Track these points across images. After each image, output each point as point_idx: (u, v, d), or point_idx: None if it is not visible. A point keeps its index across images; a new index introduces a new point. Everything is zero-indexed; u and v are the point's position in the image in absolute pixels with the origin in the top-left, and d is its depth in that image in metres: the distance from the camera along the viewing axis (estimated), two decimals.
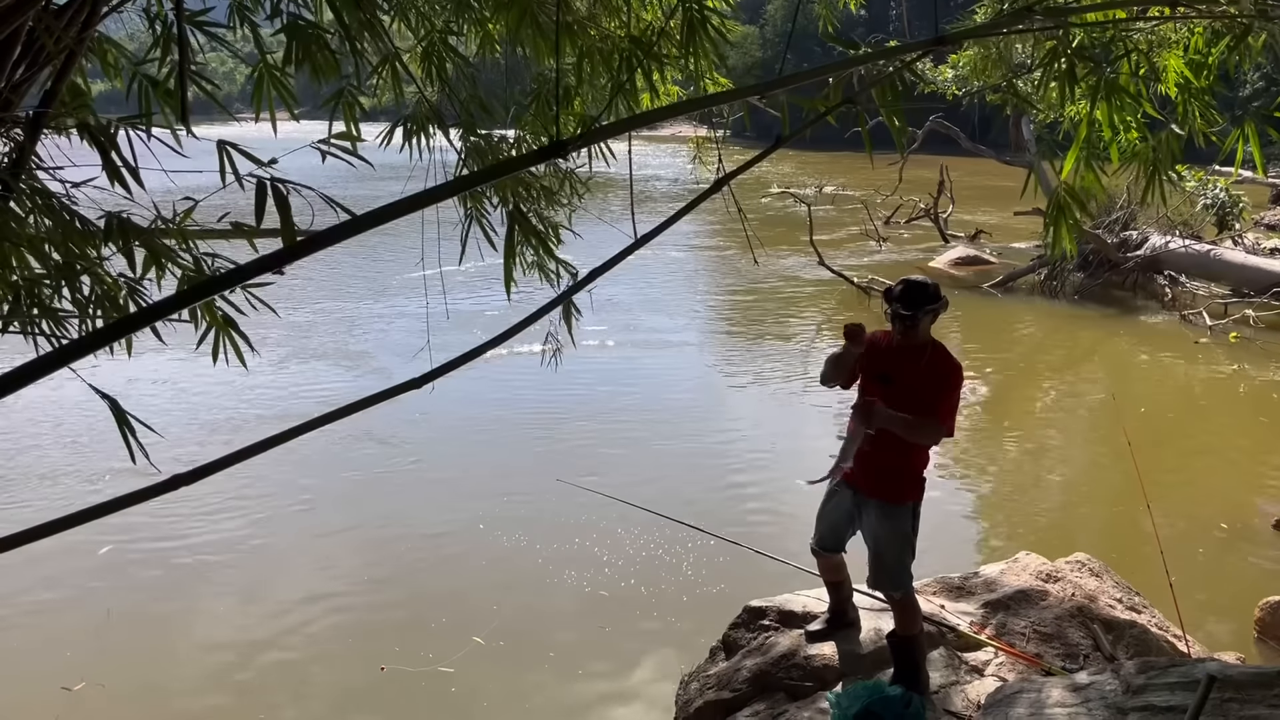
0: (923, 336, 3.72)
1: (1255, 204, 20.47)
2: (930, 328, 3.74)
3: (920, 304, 3.65)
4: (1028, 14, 2.13)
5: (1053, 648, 4.24)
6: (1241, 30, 2.65)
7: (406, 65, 3.38)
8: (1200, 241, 15.14)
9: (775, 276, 16.70)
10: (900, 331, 3.71)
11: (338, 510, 7.39)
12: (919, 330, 3.68)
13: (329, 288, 15.12)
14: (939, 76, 14.52)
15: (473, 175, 2.95)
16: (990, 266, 17.40)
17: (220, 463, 1.70)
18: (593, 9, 3.59)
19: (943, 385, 3.68)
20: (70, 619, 5.88)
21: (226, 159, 2.08)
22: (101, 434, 8.34)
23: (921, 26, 40.66)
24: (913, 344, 3.72)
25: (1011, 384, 11.48)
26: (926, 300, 3.65)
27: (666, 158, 36.88)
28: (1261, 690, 3.15)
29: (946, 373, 3.70)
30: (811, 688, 4.05)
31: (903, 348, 3.74)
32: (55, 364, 1.68)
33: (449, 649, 5.46)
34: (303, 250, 1.62)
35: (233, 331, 2.88)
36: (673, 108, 2.36)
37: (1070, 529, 7.31)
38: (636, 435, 9.04)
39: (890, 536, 3.80)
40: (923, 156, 20.08)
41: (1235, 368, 11.54)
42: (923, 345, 3.72)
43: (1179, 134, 2.82)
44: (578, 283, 2.12)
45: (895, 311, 3.68)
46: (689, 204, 2.12)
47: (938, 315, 3.73)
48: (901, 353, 3.75)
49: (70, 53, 2.47)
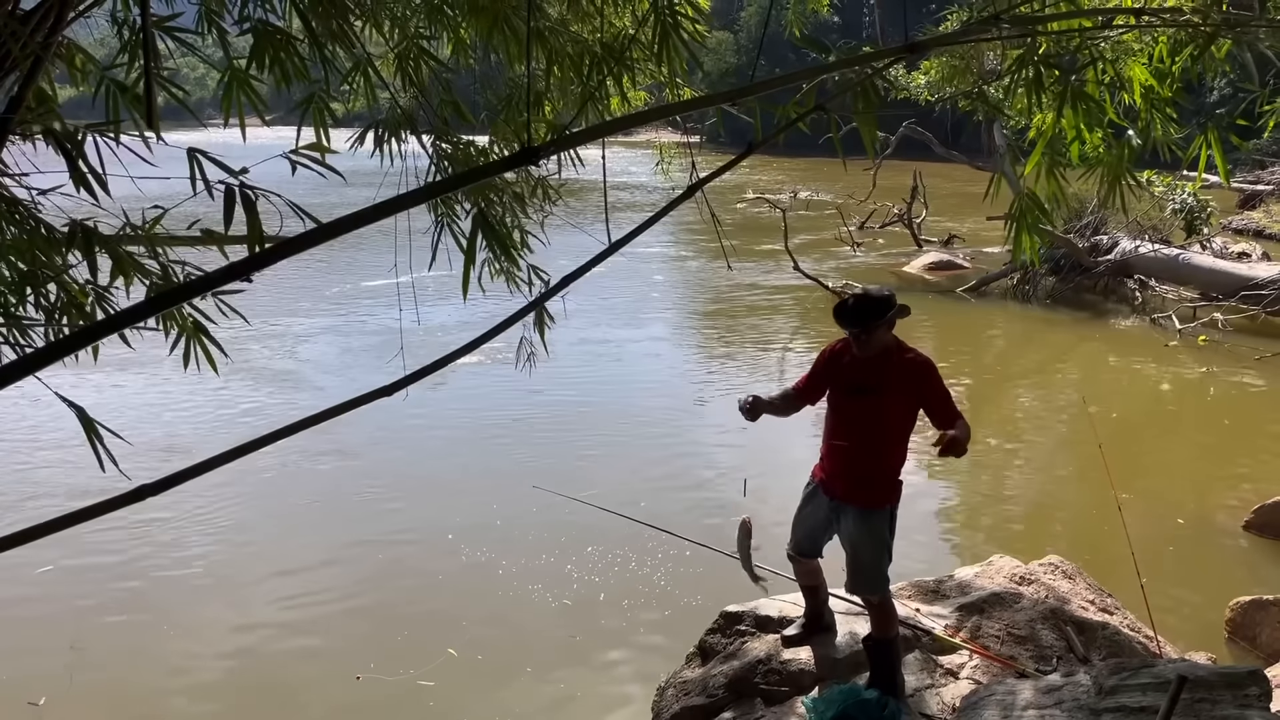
0: (884, 344, 3.75)
1: (1223, 208, 20.75)
2: (887, 332, 3.75)
3: (870, 319, 3.67)
4: (995, 22, 2.15)
5: (1026, 650, 4.27)
6: (1205, 39, 2.69)
7: (379, 71, 3.37)
8: (1169, 246, 15.34)
9: (750, 282, 16.76)
10: (858, 348, 3.75)
11: (306, 524, 7.29)
12: (874, 342, 3.72)
13: (278, 300, 14.53)
14: (912, 83, 14.65)
15: (443, 181, 2.94)
16: (963, 271, 17.54)
17: (187, 473, 1.68)
18: (565, 14, 3.59)
19: (930, 385, 3.73)
20: (34, 633, 5.79)
21: (196, 166, 2.06)
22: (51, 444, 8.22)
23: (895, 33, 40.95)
24: (875, 353, 3.75)
25: (984, 388, 11.57)
26: (877, 314, 3.67)
27: (642, 164, 36.89)
28: (1232, 690, 3.19)
29: (925, 371, 3.75)
30: (788, 692, 4.06)
31: (867, 357, 3.77)
32: (20, 372, 1.65)
33: (423, 661, 5.41)
34: (270, 257, 1.60)
35: (203, 337, 2.86)
36: (645, 114, 2.37)
37: (1043, 531, 7.37)
38: (610, 442, 9.03)
39: (867, 541, 3.82)
40: (897, 162, 20.22)
41: (1204, 370, 11.69)
42: (886, 350, 3.76)
43: (1137, 141, 2.86)
44: (550, 289, 2.12)
45: (850, 331, 3.73)
46: (661, 210, 2.12)
47: (892, 323, 3.75)
48: (868, 363, 3.77)
49: (37, 58, 2.44)
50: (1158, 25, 2.81)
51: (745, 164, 34.39)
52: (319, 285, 15.76)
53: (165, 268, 2.67)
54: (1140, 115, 3.01)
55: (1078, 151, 2.92)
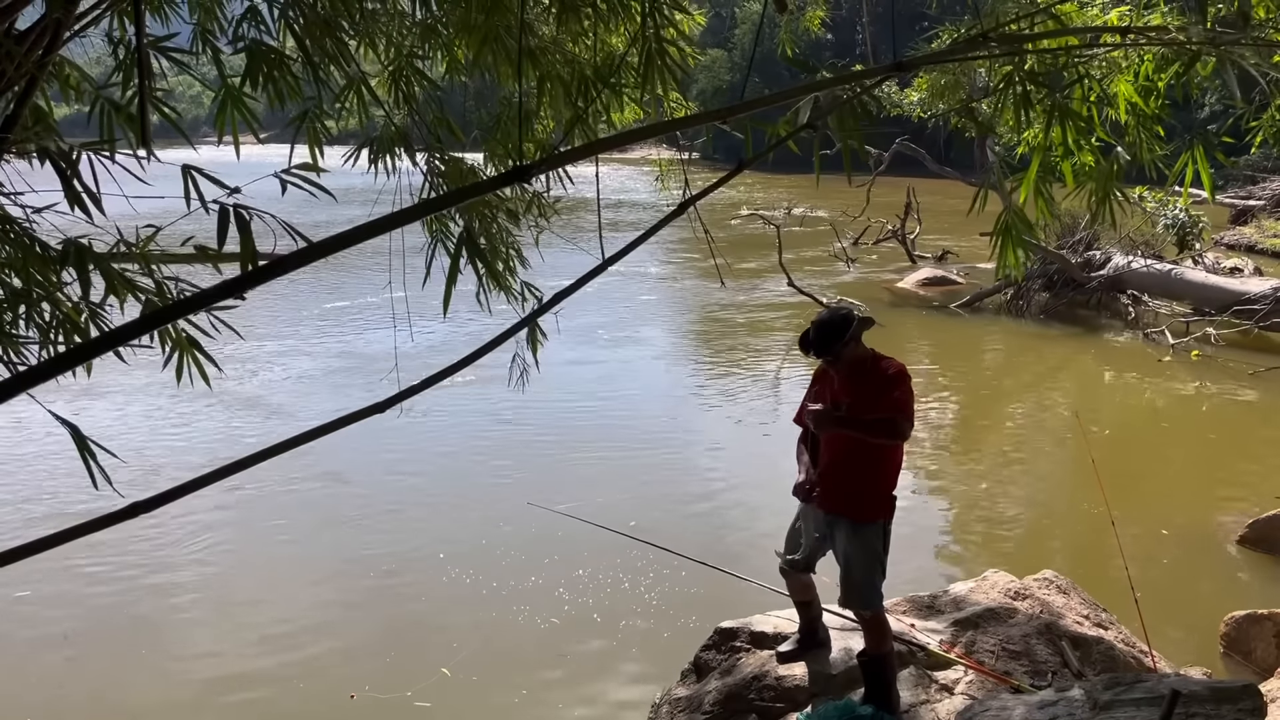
0: (856, 357, 3.81)
1: (1215, 224, 20.85)
2: (858, 347, 3.82)
3: (833, 345, 3.75)
4: (984, 41, 2.18)
5: (1021, 665, 4.27)
6: (1190, 57, 2.72)
7: (373, 89, 3.39)
8: (1162, 261, 15.40)
9: (744, 298, 16.78)
10: (833, 368, 3.85)
11: (294, 545, 7.24)
12: (844, 361, 3.79)
13: (265, 321, 14.39)
14: (904, 100, 14.74)
15: (435, 200, 2.96)
16: (957, 286, 17.59)
17: (180, 490, 1.69)
18: (557, 34, 3.62)
19: (888, 386, 3.76)
20: (28, 651, 5.76)
21: (191, 184, 2.08)
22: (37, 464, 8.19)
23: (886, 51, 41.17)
24: (853, 369, 3.82)
25: (979, 403, 11.58)
26: (837, 338, 3.75)
27: (636, 180, 37.02)
28: (1226, 705, 3.19)
29: (890, 379, 3.78)
30: (782, 708, 4.05)
31: (846, 375, 3.84)
32: (13, 389, 1.66)
33: (417, 681, 5.37)
34: (264, 275, 1.61)
35: (196, 353, 2.86)
36: (636, 132, 2.39)
37: (1038, 546, 7.37)
38: (605, 459, 9.01)
39: (860, 555, 3.82)
40: (890, 178, 20.30)
41: (1198, 385, 11.72)
42: (862, 363, 3.82)
43: (1125, 157, 2.89)
44: (543, 305, 2.13)
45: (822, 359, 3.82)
46: (654, 226, 2.14)
47: (858, 337, 3.80)
48: (846, 380, 3.85)
49: (32, 76, 2.45)
50: (1143, 44, 2.84)
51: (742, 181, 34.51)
52: (302, 305, 15.66)
53: (160, 285, 2.68)
54: (1127, 131, 3.04)
55: (1069, 168, 2.95)
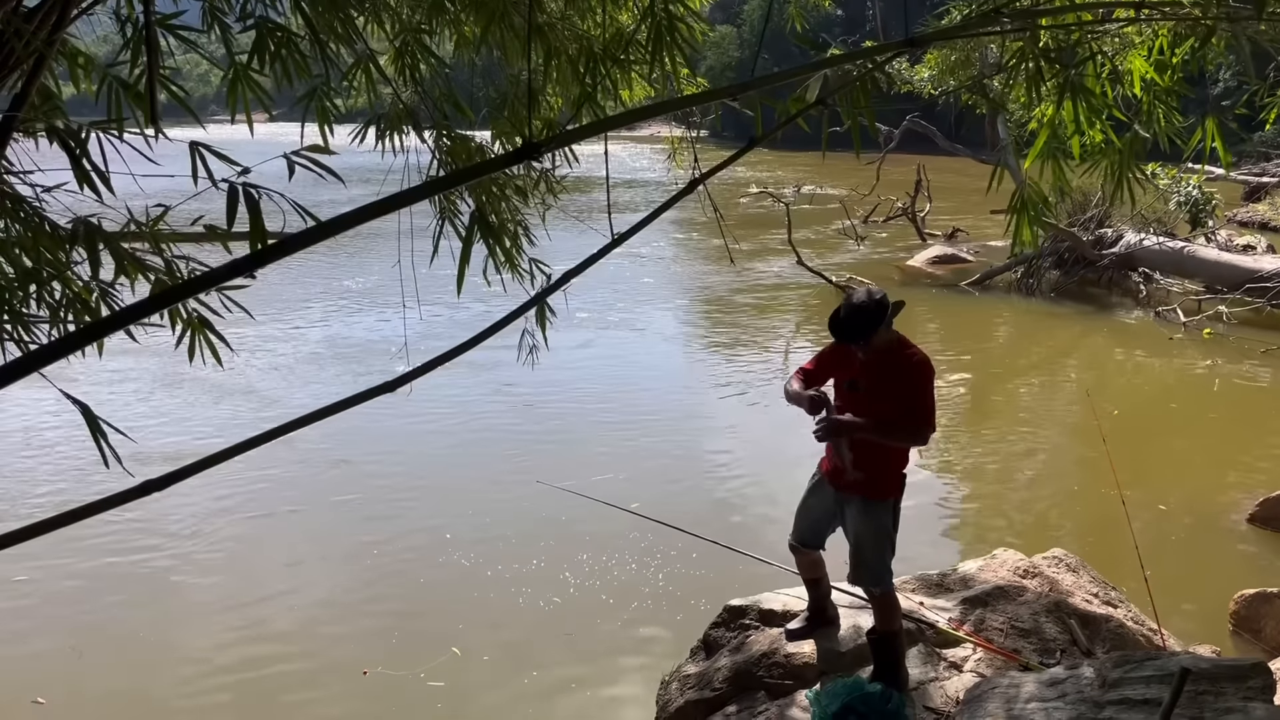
0: (886, 342, 3.72)
1: (1228, 201, 20.68)
2: (888, 332, 3.72)
3: (869, 333, 3.64)
4: (996, 16, 2.15)
5: (1030, 643, 4.27)
6: (1205, 32, 2.68)
7: (381, 67, 3.37)
8: (1174, 239, 15.29)
9: (754, 276, 16.74)
10: (861, 352, 3.73)
11: (304, 526, 7.26)
12: (874, 345, 3.69)
13: (268, 301, 13.92)
14: (915, 76, 14.61)
15: (443, 178, 2.95)
16: (967, 265, 17.51)
17: (192, 468, 1.70)
18: (566, 10, 3.59)
19: (912, 384, 3.68)
20: (38, 633, 5.81)
21: (200, 162, 2.08)
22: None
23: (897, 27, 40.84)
24: (879, 352, 3.72)
25: (989, 381, 11.55)
26: (869, 325, 3.63)
27: (646, 159, 36.86)
28: (1235, 683, 3.19)
29: (912, 370, 3.70)
30: (791, 686, 4.07)
31: (869, 356, 3.74)
32: (24, 369, 1.66)
33: (427, 660, 5.40)
34: (273, 254, 1.61)
35: (208, 332, 2.87)
36: (645, 110, 2.37)
37: (1047, 525, 7.37)
38: (613, 438, 9.02)
39: (871, 533, 3.82)
40: (900, 156, 20.15)
41: (1209, 363, 11.66)
42: (889, 347, 3.73)
43: (1144, 135, 2.86)
44: (552, 284, 2.13)
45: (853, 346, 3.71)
46: (663, 205, 2.13)
47: (890, 322, 3.70)
48: (869, 361, 3.75)
49: (40, 56, 2.44)
50: (1157, 19, 2.81)
51: (753, 159, 34.30)
52: (308, 285, 15.57)
53: (169, 264, 2.68)
54: (1142, 107, 3.00)
55: (1078, 145, 2.92)
